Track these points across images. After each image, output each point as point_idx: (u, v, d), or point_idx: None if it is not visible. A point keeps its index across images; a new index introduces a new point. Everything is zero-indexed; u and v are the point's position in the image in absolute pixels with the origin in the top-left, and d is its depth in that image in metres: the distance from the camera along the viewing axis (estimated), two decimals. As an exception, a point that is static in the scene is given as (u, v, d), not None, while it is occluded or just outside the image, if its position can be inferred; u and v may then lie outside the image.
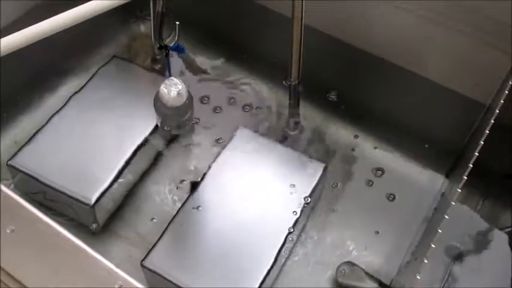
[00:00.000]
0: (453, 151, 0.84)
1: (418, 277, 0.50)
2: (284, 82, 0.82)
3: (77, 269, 0.43)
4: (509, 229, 0.76)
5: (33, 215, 0.44)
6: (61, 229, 0.43)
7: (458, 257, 0.75)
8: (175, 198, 0.82)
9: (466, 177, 0.56)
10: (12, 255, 0.42)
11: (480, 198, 0.81)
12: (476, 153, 0.58)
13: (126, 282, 0.43)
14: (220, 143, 0.83)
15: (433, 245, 0.51)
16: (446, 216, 0.53)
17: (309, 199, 0.76)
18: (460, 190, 0.56)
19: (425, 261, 0.51)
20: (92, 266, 0.43)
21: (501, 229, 0.76)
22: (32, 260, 0.43)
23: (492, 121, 0.60)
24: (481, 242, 0.75)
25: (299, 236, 0.78)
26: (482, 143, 0.59)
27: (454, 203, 0.55)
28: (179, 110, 0.80)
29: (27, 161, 0.77)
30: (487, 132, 0.59)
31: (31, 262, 0.43)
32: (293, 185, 0.77)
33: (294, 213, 0.74)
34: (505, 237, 0.75)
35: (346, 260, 0.76)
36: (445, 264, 0.74)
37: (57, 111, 0.82)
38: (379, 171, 0.85)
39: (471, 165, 0.57)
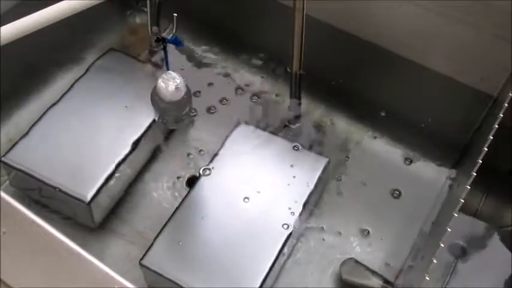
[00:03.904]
0: (458, 145, 0.82)
1: (427, 278, 0.49)
2: (288, 69, 0.80)
3: (72, 272, 0.42)
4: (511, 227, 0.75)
5: (26, 216, 0.42)
6: (55, 231, 0.41)
7: (462, 254, 0.74)
8: (175, 194, 0.81)
9: (475, 174, 0.54)
10: (4, 259, 0.40)
11: (483, 195, 0.79)
12: (485, 148, 0.56)
13: (122, 286, 0.41)
14: (220, 137, 0.81)
15: (442, 244, 0.50)
16: (456, 214, 0.51)
17: (311, 195, 0.74)
18: (469, 187, 0.54)
19: (435, 261, 0.49)
20: (87, 269, 0.42)
21: (502, 227, 0.75)
22: (25, 263, 0.41)
23: (501, 115, 0.59)
24: (484, 240, 0.74)
25: (301, 232, 0.77)
26: (491, 137, 0.57)
27: (462, 200, 0.53)
28: (177, 105, 0.78)
29: (21, 157, 0.75)
30: (496, 126, 0.58)
31: (24, 266, 0.41)
32: (295, 181, 0.75)
33: (296, 209, 0.72)
34: (507, 235, 0.74)
35: (349, 257, 0.75)
36: (449, 262, 0.73)
37: (52, 106, 0.80)
38: (384, 166, 0.84)
39: (480, 161, 0.55)
